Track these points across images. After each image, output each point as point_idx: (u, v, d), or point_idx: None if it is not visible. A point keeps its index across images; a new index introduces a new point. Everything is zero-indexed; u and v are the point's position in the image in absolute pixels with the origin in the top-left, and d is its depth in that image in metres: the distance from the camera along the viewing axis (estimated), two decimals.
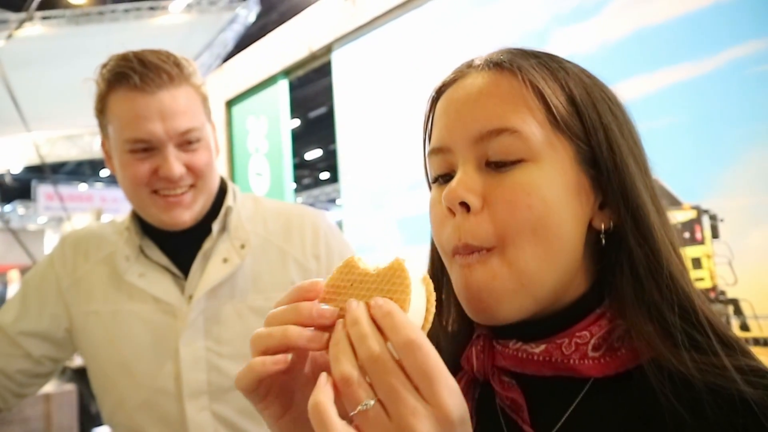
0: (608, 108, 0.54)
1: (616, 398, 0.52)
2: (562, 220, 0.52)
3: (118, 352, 1.12)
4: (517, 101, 0.52)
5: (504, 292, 0.52)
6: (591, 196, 0.54)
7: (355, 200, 2.39)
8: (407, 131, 2.16)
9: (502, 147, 0.52)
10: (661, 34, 1.38)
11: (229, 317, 1.12)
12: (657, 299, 0.51)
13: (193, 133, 1.07)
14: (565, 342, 0.53)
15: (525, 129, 0.51)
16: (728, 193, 1.23)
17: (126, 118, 1.04)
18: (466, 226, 0.52)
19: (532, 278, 0.51)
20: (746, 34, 1.23)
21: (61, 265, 1.18)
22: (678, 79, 1.33)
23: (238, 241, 1.14)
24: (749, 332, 1.19)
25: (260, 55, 2.94)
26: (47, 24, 8.95)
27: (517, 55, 0.56)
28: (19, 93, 4.02)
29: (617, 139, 0.53)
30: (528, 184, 0.51)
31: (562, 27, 1.61)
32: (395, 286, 0.48)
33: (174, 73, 1.05)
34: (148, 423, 1.10)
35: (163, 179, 1.05)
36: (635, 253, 0.52)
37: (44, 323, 1.15)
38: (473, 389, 0.59)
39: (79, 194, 13.81)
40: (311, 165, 18.08)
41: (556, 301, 0.55)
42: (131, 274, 1.12)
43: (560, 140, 0.52)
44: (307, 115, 13.34)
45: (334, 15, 2.47)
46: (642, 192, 0.52)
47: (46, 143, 12.00)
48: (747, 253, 1.21)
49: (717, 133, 1.26)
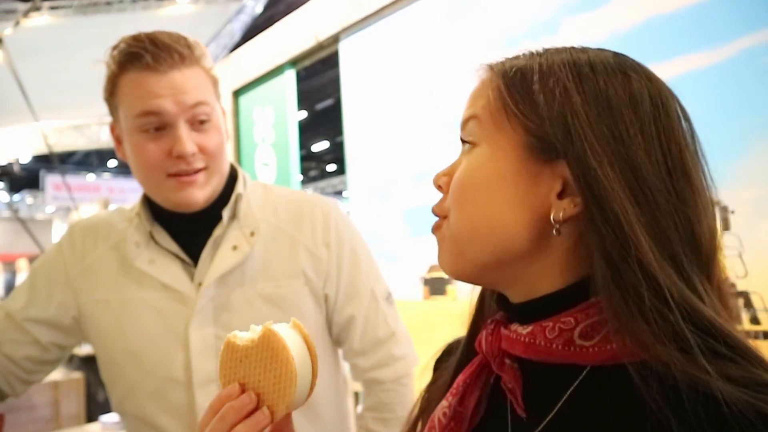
0: (575, 86, 0.53)
1: (611, 389, 0.52)
2: (489, 200, 0.56)
3: (127, 340, 1.11)
4: (484, 93, 0.60)
5: (448, 251, 0.61)
6: (544, 187, 0.54)
7: (361, 192, 2.39)
8: (414, 122, 2.15)
9: (469, 131, 0.60)
10: (673, 22, 1.36)
11: (239, 304, 1.12)
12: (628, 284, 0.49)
13: (203, 108, 1.07)
14: (549, 326, 0.54)
15: (481, 114, 0.59)
16: (740, 185, 1.22)
17: (137, 96, 1.05)
18: (438, 201, 0.64)
19: (465, 246, 0.58)
20: (760, 22, 1.21)
21: (70, 253, 1.18)
22: (690, 68, 1.31)
23: (248, 228, 1.14)
24: (760, 325, 1.18)
25: (267, 45, 2.93)
26: (55, 14, 8.96)
27: (511, 54, 0.62)
28: (27, 82, 4.03)
29: (579, 126, 0.51)
30: (468, 164, 0.59)
31: (572, 16, 1.59)
32: (275, 351, 0.59)
33: (186, 54, 1.06)
34: (157, 412, 1.10)
35: (177, 158, 1.05)
36: (604, 239, 0.50)
37: (51, 311, 1.15)
38: (486, 373, 0.61)
39: (87, 184, 13.87)
40: (318, 157, 18.07)
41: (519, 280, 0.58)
42: (141, 261, 1.12)
43: (507, 125, 0.56)
44: (315, 107, 13.32)
45: (341, 5, 2.45)
46: (607, 177, 0.50)
47: (53, 133, 12.06)
48: (758, 245, 1.20)
49: (729, 124, 1.25)
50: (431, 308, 2.00)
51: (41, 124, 4.99)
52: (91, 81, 8.08)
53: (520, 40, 1.75)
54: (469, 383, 0.60)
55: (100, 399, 4.20)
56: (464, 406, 0.60)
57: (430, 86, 2.07)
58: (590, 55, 0.58)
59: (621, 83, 0.55)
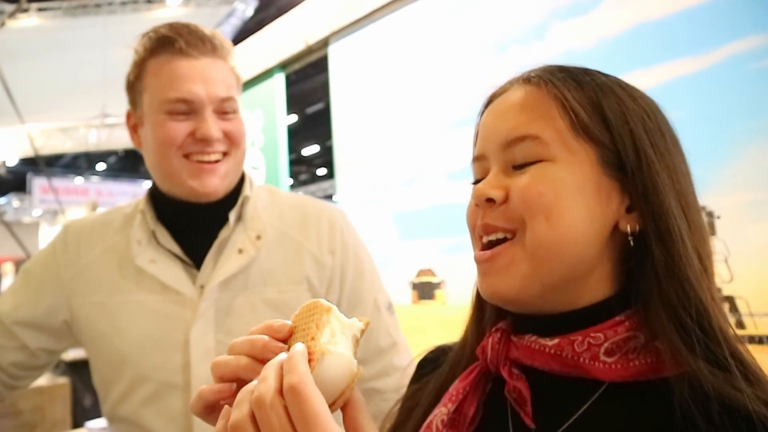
0: (640, 117, 0.58)
1: (628, 406, 0.52)
2: (574, 212, 0.55)
3: (124, 343, 1.09)
4: (540, 111, 0.58)
5: (516, 274, 0.56)
6: (616, 199, 0.57)
7: (350, 195, 2.38)
8: (404, 126, 2.15)
9: (525, 151, 0.58)
10: (660, 29, 1.37)
11: (242, 309, 1.10)
12: (675, 301, 0.52)
13: (230, 103, 1.08)
14: (578, 339, 0.54)
15: (545, 135, 0.57)
16: (726, 190, 1.23)
17: (168, 79, 1.05)
18: (489, 213, 0.59)
19: (543, 261, 0.55)
20: (746, 29, 1.22)
21: (63, 255, 1.16)
22: (676, 74, 1.32)
23: (254, 232, 1.13)
24: (745, 330, 1.19)
25: (257, 49, 2.92)
26: (43, 15, 8.90)
27: (549, 71, 0.61)
28: (14, 84, 3.99)
29: (645, 147, 0.56)
30: (541, 176, 0.56)
31: (561, 21, 1.60)
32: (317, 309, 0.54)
33: (218, 46, 1.09)
34: (152, 417, 1.07)
35: (200, 141, 1.05)
36: (656, 256, 0.54)
37: (41, 313, 1.12)
38: (484, 381, 0.61)
39: (75, 187, 13.76)
40: (308, 161, 18.05)
41: (570, 297, 0.57)
42: (142, 259, 1.10)
43: (582, 145, 0.57)
44: (305, 111, 13.31)
45: (331, 8, 2.45)
46: (667, 197, 0.55)
47: (40, 135, 11.96)
48: (744, 250, 1.21)
49: (715, 129, 1.26)
50: (420, 312, 2.00)
51: (28, 126, 4.94)
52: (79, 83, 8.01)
53: (510, 45, 1.75)
54: (468, 391, 0.60)
55: (87, 404, 4.15)
56: (463, 413, 0.60)
57: (420, 90, 2.07)
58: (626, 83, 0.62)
59: (655, 106, 0.61)
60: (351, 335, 0.54)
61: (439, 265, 1.96)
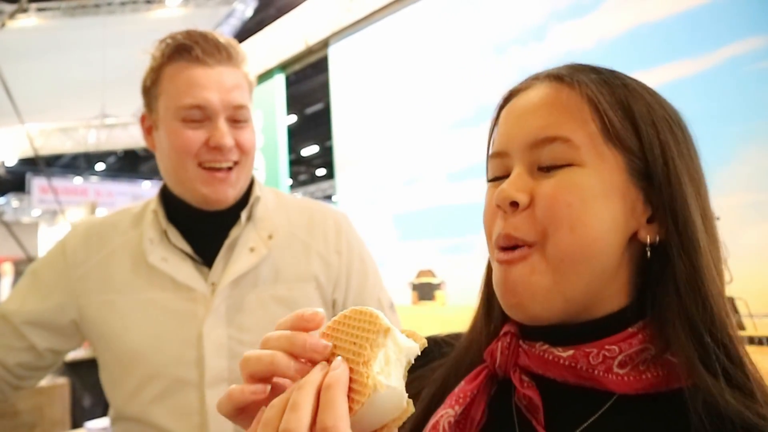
0: (668, 126, 0.57)
1: (639, 419, 0.52)
2: (599, 222, 0.54)
3: (135, 340, 1.10)
4: (571, 112, 0.56)
5: (539, 288, 0.54)
6: (639, 208, 0.56)
7: (350, 196, 2.38)
8: (403, 127, 2.15)
9: (553, 153, 0.55)
10: (659, 30, 1.37)
11: (252, 305, 1.12)
12: (694, 316, 0.51)
13: (243, 111, 1.11)
14: (593, 352, 0.54)
15: (576, 138, 0.55)
16: (725, 191, 1.23)
17: (184, 86, 1.07)
18: (512, 220, 0.56)
19: (566, 274, 0.54)
20: (745, 31, 1.23)
21: (72, 254, 1.17)
22: (676, 76, 1.33)
23: (265, 231, 1.16)
24: (745, 331, 1.19)
25: (257, 50, 2.92)
26: (42, 16, 8.89)
27: (579, 70, 0.59)
28: (14, 84, 3.99)
29: (673, 156, 0.55)
30: (569, 183, 0.54)
31: (560, 23, 1.60)
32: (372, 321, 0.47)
33: (233, 54, 1.11)
34: (163, 413, 1.08)
35: (213, 149, 1.08)
36: (678, 267, 0.53)
37: (49, 313, 1.13)
38: (490, 385, 0.60)
39: (74, 187, 13.74)
40: (307, 161, 18.04)
41: (586, 308, 0.56)
42: (155, 257, 1.12)
43: (611, 151, 0.55)
44: (304, 112, 13.30)
45: (331, 9, 2.45)
46: (693, 210, 0.54)
47: (40, 135, 11.95)
48: (743, 251, 1.21)
49: (714, 131, 1.26)
50: (420, 313, 2.00)
51: (27, 126, 4.94)
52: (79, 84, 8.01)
53: (509, 46, 1.76)
54: (476, 394, 0.59)
55: (86, 405, 4.15)
56: (470, 416, 0.59)
57: (420, 91, 2.07)
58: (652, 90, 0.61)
59: (678, 114, 0.60)
60: (405, 361, 0.48)
61: (439, 265, 1.96)
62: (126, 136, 12.51)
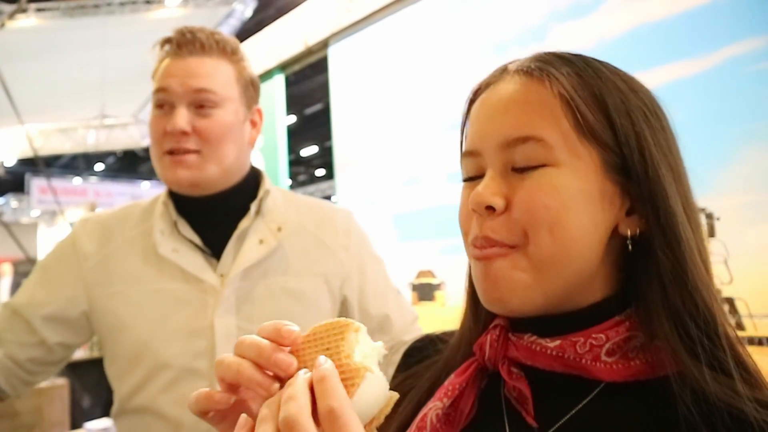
0: (643, 115, 0.55)
1: (626, 405, 0.52)
2: (579, 222, 0.53)
3: (145, 331, 1.11)
4: (544, 109, 0.55)
5: (519, 284, 0.54)
6: (617, 202, 0.55)
7: (350, 196, 2.38)
8: (403, 128, 2.15)
9: (527, 153, 0.54)
10: (659, 31, 1.37)
11: (261, 296, 1.13)
12: (680, 308, 0.51)
13: (207, 95, 1.10)
14: (580, 341, 0.54)
15: (549, 137, 0.54)
16: (725, 192, 1.23)
17: (156, 77, 1.12)
18: (489, 223, 0.55)
19: (547, 273, 0.54)
20: (745, 31, 1.23)
21: (82, 246, 1.18)
22: (676, 76, 1.33)
23: (275, 224, 1.17)
24: (744, 331, 1.19)
25: (256, 50, 2.92)
26: (42, 16, 8.88)
27: (550, 62, 0.58)
28: (13, 85, 3.98)
29: (650, 147, 0.54)
30: (546, 185, 0.53)
31: (560, 23, 1.61)
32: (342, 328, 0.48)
33: (207, 44, 1.12)
34: (170, 403, 1.08)
35: (169, 135, 1.08)
36: (661, 260, 0.52)
37: (60, 305, 1.14)
38: (480, 378, 0.60)
39: (73, 188, 13.74)
40: (307, 161, 18.04)
41: (567, 301, 0.56)
42: (165, 248, 1.13)
43: (586, 147, 0.54)
44: (303, 112, 13.30)
45: (330, 10, 2.45)
46: (673, 200, 0.53)
47: (39, 136, 11.93)
48: (743, 251, 1.21)
49: (714, 131, 1.26)
50: (419, 314, 1.99)
51: (26, 127, 4.94)
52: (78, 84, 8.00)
53: (509, 47, 1.76)
54: (465, 387, 0.60)
55: (85, 405, 4.15)
56: (459, 409, 0.59)
57: (419, 91, 2.07)
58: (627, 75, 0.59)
59: (655, 100, 0.59)
60: (376, 360, 0.50)
61: (439, 266, 1.96)
62: (125, 136, 12.50)
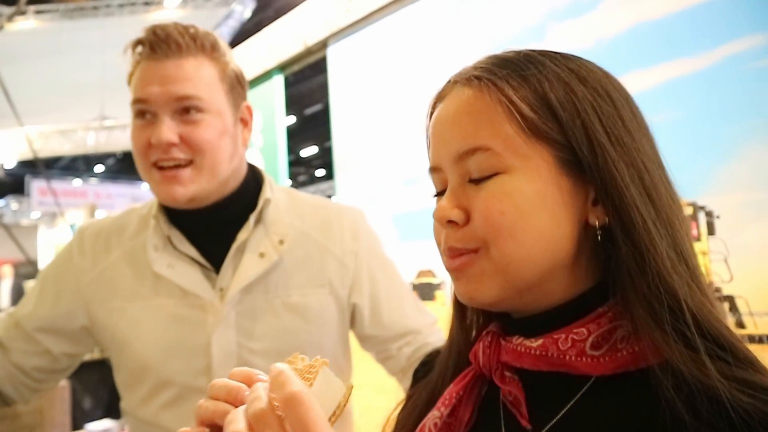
0: (591, 103, 0.54)
1: (616, 398, 0.52)
2: (539, 222, 0.53)
3: (146, 349, 1.07)
4: (487, 118, 0.55)
5: (490, 288, 0.55)
6: (580, 195, 0.55)
7: (350, 197, 2.38)
8: (403, 128, 2.15)
9: (479, 164, 0.55)
10: (658, 29, 1.37)
11: (263, 313, 1.08)
12: (649, 296, 0.51)
13: (192, 101, 1.03)
14: (561, 337, 0.54)
15: (496, 145, 0.54)
16: (725, 190, 1.23)
17: (134, 83, 1.05)
18: (454, 235, 0.57)
19: (515, 274, 0.54)
20: (744, 29, 1.23)
21: (81, 259, 1.14)
22: (675, 74, 1.32)
23: (277, 236, 1.10)
24: (745, 329, 1.19)
25: (255, 51, 2.93)
26: (41, 18, 8.89)
27: (491, 67, 0.58)
28: (13, 87, 3.99)
29: (598, 136, 0.53)
30: (499, 193, 0.54)
31: (558, 22, 1.61)
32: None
33: (184, 43, 1.04)
34: (173, 419, 1.06)
35: (155, 147, 1.02)
36: (622, 250, 0.52)
37: (60, 319, 1.12)
38: (480, 385, 0.60)
39: (73, 190, 13.74)
40: (307, 162, 18.05)
41: (547, 295, 0.56)
42: (160, 265, 1.07)
43: (535, 148, 0.54)
44: (303, 112, 13.30)
45: (329, 10, 2.45)
46: (627, 188, 0.52)
47: (39, 138, 11.94)
48: (743, 250, 1.21)
49: (714, 129, 1.26)
50: None
51: (26, 128, 4.94)
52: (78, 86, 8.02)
53: (508, 46, 1.75)
54: (462, 395, 0.59)
55: (86, 407, 4.15)
56: (457, 418, 0.59)
57: (419, 91, 2.07)
58: (577, 62, 0.59)
59: (615, 86, 0.58)
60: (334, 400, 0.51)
61: (439, 265, 1.96)
62: (125, 137, 12.50)
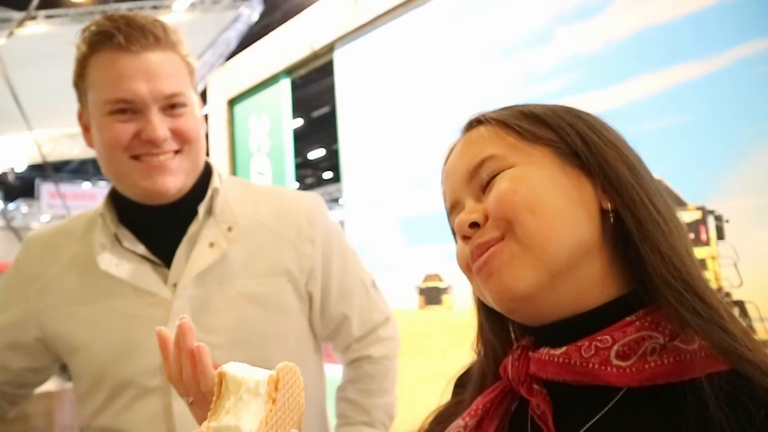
0: (570, 116, 0.63)
1: (646, 412, 0.51)
2: (553, 198, 0.57)
3: (102, 352, 1.05)
4: (489, 138, 0.63)
5: (522, 268, 0.55)
6: (586, 182, 0.59)
7: (357, 200, 2.38)
8: (410, 131, 2.15)
9: (487, 171, 0.61)
10: (666, 32, 1.37)
11: (220, 305, 1.06)
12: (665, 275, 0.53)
13: (178, 98, 1.02)
14: (585, 345, 0.53)
15: (500, 151, 0.61)
16: (734, 194, 1.22)
17: (108, 79, 0.99)
18: (477, 235, 0.59)
19: (543, 248, 0.55)
20: (752, 32, 1.22)
21: (28, 270, 1.12)
22: (683, 78, 1.32)
23: (225, 224, 1.08)
24: (755, 335, 1.18)
25: (262, 54, 2.93)
26: (50, 22, 8.97)
27: (481, 115, 0.67)
28: (22, 91, 4.02)
29: (585, 131, 0.60)
30: (509, 179, 0.58)
31: (566, 26, 1.60)
32: None
33: (161, 36, 1.02)
34: (132, 422, 1.04)
35: (146, 142, 1.00)
36: (630, 227, 0.56)
37: (12, 333, 1.09)
38: (509, 400, 0.60)
39: (82, 192, 13.83)
40: (314, 164, 18.10)
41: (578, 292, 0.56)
42: (108, 264, 1.05)
43: (536, 148, 0.60)
44: (311, 115, 13.34)
45: (336, 13, 2.46)
46: (621, 168, 0.58)
47: (48, 141, 12.02)
48: (752, 254, 1.20)
49: (723, 133, 1.25)
50: (427, 318, 1.99)
51: (35, 133, 4.98)
52: None
53: (515, 50, 1.75)
54: (489, 408, 0.59)
55: None
56: (483, 430, 0.59)
57: (425, 95, 2.07)
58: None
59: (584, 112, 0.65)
60: (256, 393, 0.52)
61: (446, 270, 1.96)
62: None
